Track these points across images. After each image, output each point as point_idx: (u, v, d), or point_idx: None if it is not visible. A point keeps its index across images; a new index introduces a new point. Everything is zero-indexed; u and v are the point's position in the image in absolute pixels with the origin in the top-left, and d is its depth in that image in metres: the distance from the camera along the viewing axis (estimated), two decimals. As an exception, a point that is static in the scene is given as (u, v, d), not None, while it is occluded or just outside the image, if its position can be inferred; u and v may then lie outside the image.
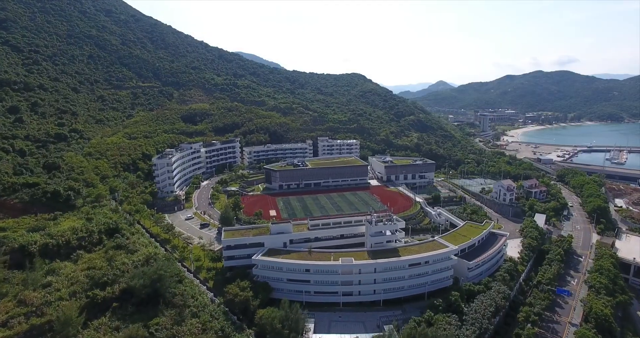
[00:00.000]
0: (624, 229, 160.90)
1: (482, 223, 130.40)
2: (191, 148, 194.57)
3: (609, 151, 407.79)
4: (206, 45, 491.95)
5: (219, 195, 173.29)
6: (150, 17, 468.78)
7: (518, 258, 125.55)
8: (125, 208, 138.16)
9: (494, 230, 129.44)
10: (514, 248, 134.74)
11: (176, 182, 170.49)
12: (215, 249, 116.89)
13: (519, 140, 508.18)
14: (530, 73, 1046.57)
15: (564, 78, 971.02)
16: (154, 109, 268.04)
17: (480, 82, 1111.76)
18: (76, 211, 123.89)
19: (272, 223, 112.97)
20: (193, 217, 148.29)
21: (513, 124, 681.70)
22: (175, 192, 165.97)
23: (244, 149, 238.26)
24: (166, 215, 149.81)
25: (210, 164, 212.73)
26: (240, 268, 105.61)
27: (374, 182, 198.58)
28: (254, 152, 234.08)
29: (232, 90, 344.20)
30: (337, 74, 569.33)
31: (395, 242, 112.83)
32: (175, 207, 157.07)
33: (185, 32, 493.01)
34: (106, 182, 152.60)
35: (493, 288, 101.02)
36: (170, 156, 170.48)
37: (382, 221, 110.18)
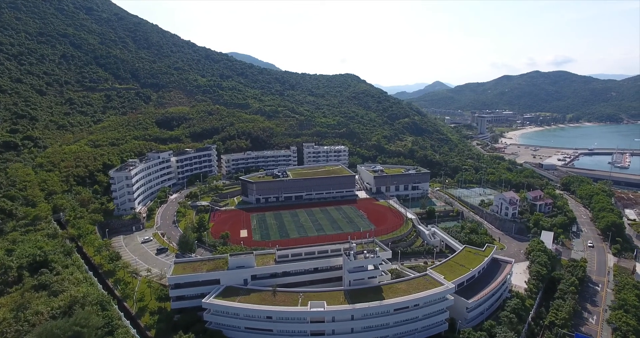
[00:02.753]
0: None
1: (482, 249, 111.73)
2: (159, 157, 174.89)
3: (611, 154, 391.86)
4: (193, 45, 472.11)
5: (186, 211, 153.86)
6: (136, 16, 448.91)
7: (525, 289, 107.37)
8: (68, 233, 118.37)
9: (496, 256, 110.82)
10: (519, 275, 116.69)
11: (138, 197, 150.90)
12: (167, 283, 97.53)
13: (518, 142, 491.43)
14: (527, 73, 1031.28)
15: (561, 78, 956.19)
16: (127, 113, 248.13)
17: (477, 83, 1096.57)
18: (1, 238, 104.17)
19: (230, 256, 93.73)
20: (151, 240, 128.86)
21: (511, 125, 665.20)
22: (136, 208, 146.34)
23: (222, 156, 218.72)
24: (121, 237, 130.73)
25: (183, 175, 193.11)
26: (192, 310, 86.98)
27: (362, 194, 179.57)
28: (233, 160, 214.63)
29: (216, 92, 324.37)
30: (331, 74, 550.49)
31: (382, 273, 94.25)
32: (134, 227, 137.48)
33: (173, 32, 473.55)
34: (52, 199, 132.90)
35: (498, 336, 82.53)
36: (131, 168, 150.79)
37: (362, 253, 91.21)
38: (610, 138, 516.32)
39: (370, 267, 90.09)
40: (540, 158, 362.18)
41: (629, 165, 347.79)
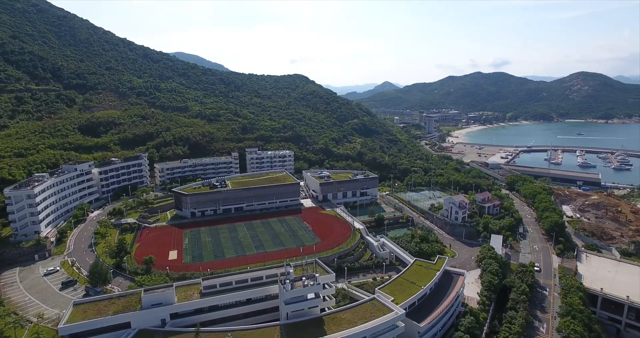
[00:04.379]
0: (580, 245, 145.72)
1: (434, 261, 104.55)
2: (76, 169, 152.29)
3: (546, 151, 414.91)
4: (130, 43, 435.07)
5: (107, 231, 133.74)
6: (61, 9, 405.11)
7: (478, 302, 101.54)
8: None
9: (448, 269, 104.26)
10: (471, 285, 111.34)
11: (45, 218, 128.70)
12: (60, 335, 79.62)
13: (464, 141, 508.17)
14: (470, 74, 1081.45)
15: (501, 79, 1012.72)
16: (42, 118, 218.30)
17: (425, 83, 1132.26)
18: None
19: (144, 291, 78.18)
20: (57, 270, 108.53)
21: (457, 124, 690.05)
22: (42, 232, 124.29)
23: (155, 165, 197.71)
24: (17, 269, 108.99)
25: (108, 188, 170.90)
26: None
27: (307, 202, 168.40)
28: (167, 169, 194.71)
29: (153, 94, 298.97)
30: (279, 75, 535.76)
31: (327, 298, 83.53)
32: (37, 256, 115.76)
33: (108, 29, 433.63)
34: None
35: (452, 364, 74.58)
36: (35, 184, 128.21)
37: (301, 279, 79.62)
38: (544, 135, 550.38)
39: (311, 295, 78.70)
40: (485, 156, 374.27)
41: (561, 161, 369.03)
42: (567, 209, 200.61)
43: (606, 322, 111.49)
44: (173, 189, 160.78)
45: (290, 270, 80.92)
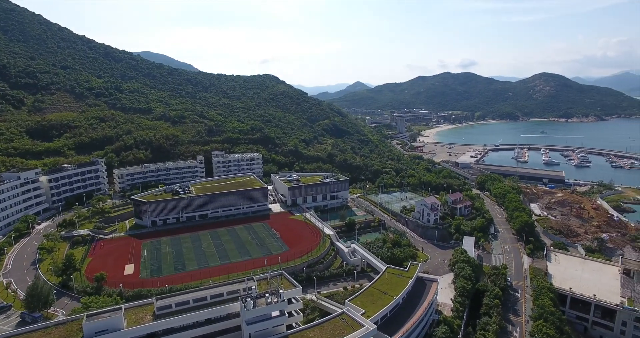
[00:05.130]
0: (548, 244, 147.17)
1: (406, 268, 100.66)
2: (19, 178, 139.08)
3: (513, 149, 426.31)
4: (90, 41, 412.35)
5: (55, 245, 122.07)
6: (8, 1, 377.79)
7: (452, 308, 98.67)
8: None
9: (421, 275, 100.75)
10: (445, 290, 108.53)
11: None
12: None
13: (434, 140, 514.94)
14: (439, 74, 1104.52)
15: (469, 79, 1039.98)
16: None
17: (395, 83, 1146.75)
18: None
19: (86, 317, 69.51)
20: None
21: (427, 123, 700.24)
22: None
23: (114, 171, 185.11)
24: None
25: (59, 197, 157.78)
26: None
27: (276, 207, 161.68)
28: (127, 175, 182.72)
29: (113, 95, 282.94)
30: (248, 75, 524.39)
31: (294, 313, 77.80)
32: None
33: (64, 25, 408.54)
34: None
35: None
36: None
37: (264, 296, 73.34)
38: (510, 134, 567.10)
39: (275, 312, 72.55)
40: (456, 155, 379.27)
41: (528, 159, 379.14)
42: (535, 207, 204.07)
43: (574, 320, 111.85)
44: (132, 197, 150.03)
45: (253, 286, 74.56)
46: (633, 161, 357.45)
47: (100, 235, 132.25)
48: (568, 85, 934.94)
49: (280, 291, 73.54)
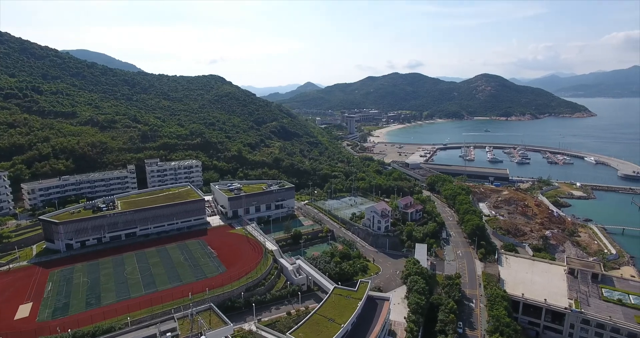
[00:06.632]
0: (499, 246, 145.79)
1: (355, 289, 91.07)
2: None
3: (460, 148, 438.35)
4: (3, 34, 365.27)
5: None
6: None
7: (406, 329, 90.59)
8: None
9: (372, 294, 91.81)
10: (398, 306, 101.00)
11: None
12: None
13: (385, 140, 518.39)
14: (388, 75, 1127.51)
15: (416, 79, 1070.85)
16: None
17: (346, 83, 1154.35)
18: None
19: None
20: None
21: (377, 123, 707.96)
22: None
23: (22, 185, 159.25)
24: None
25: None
26: None
27: (215, 220, 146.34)
28: (40, 189, 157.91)
29: (29, 96, 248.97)
30: (193, 75, 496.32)
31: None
32: None
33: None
34: None
35: None
36: None
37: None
38: (457, 133, 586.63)
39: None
40: (406, 155, 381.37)
41: (474, 157, 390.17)
42: (483, 206, 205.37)
43: (526, 326, 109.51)
44: (40, 217, 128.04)
45: (172, 327, 60.87)
46: (565, 157, 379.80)
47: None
48: (506, 85, 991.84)
49: (206, 333, 60.56)
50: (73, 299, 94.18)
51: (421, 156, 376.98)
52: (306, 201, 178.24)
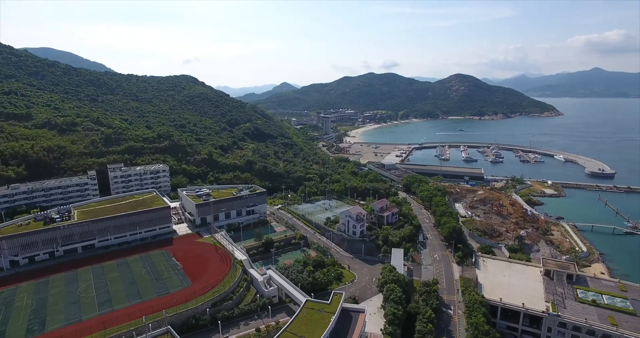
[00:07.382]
0: (476, 248, 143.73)
1: (328, 301, 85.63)
2: None
3: (435, 147, 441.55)
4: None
5: None
6: None
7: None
8: None
9: (346, 306, 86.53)
10: (374, 316, 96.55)
11: None
12: None
13: (360, 140, 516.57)
14: (364, 75, 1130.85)
15: (392, 80, 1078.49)
16: None
17: (322, 84, 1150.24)
18: None
19: None
20: None
21: (353, 123, 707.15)
22: None
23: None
24: None
25: None
26: None
27: (182, 228, 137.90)
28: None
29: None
30: (163, 75, 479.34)
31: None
32: None
33: None
34: None
35: None
36: None
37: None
38: (432, 132, 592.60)
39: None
40: (382, 155, 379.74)
41: (449, 156, 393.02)
42: (459, 207, 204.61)
43: (505, 331, 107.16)
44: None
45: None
46: (536, 155, 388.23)
47: None
48: (479, 85, 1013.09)
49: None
50: (11, 326, 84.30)
51: (397, 156, 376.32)
52: (279, 205, 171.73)
